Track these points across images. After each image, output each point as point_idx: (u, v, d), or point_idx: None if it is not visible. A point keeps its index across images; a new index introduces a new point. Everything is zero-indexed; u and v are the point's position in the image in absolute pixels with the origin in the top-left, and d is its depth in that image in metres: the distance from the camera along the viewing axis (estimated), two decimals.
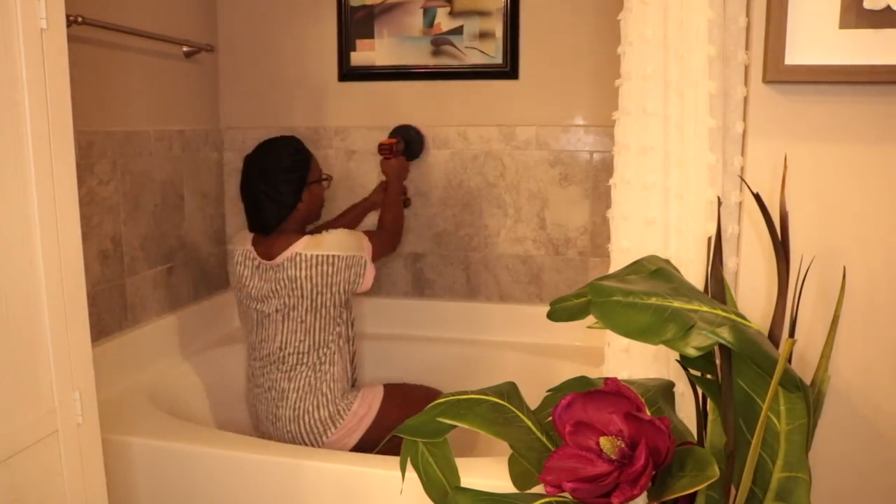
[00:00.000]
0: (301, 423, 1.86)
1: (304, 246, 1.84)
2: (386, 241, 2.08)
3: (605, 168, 2.23)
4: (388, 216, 2.15)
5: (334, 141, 2.41)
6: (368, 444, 1.89)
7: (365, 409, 1.91)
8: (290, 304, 1.85)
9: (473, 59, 2.27)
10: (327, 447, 1.87)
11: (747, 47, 1.14)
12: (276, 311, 1.88)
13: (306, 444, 1.87)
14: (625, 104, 1.23)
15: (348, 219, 2.28)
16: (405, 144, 2.29)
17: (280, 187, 1.87)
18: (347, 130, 2.40)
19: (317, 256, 1.83)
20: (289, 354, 1.88)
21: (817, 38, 1.08)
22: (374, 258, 1.96)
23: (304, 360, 1.88)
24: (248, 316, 1.96)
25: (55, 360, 1.07)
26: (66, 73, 1.08)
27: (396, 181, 2.21)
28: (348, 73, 2.36)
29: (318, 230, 2.01)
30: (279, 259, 1.85)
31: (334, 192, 2.43)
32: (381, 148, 2.21)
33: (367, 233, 2.00)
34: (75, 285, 1.11)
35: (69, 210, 1.09)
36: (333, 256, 1.84)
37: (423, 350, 2.34)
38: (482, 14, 2.24)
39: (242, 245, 1.95)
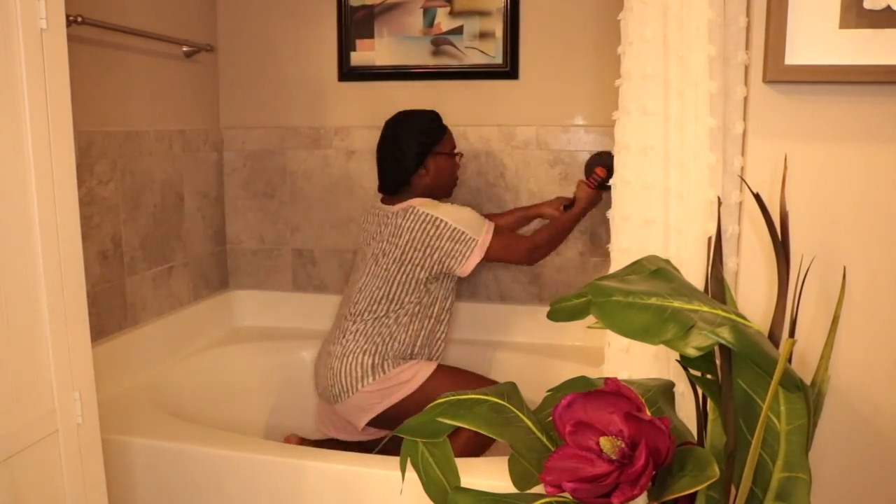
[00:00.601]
0: (345, 361, 1.90)
1: (420, 203, 1.91)
2: (522, 250, 1.94)
3: None
4: (547, 233, 1.99)
5: (334, 141, 2.41)
6: (400, 415, 1.82)
7: (409, 375, 1.89)
8: (383, 250, 1.92)
9: (473, 59, 2.27)
10: (359, 399, 1.88)
11: (747, 47, 1.14)
12: (372, 254, 1.95)
13: (342, 388, 1.89)
14: (625, 104, 1.23)
15: (509, 219, 2.18)
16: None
17: (402, 146, 1.95)
18: (347, 130, 2.40)
19: (427, 215, 1.88)
20: (363, 298, 1.94)
21: (817, 37, 1.08)
22: (493, 254, 1.90)
23: (373, 308, 1.93)
24: (356, 256, 2.08)
25: (55, 360, 1.07)
26: (66, 73, 1.08)
27: (583, 210, 2.08)
28: (348, 72, 2.36)
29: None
30: (396, 207, 1.94)
31: (334, 193, 2.44)
32: (595, 177, 2.06)
33: (505, 232, 1.99)
34: (75, 285, 1.11)
35: (69, 210, 1.09)
36: (442, 221, 1.87)
37: None
38: (482, 14, 2.24)
39: (374, 201, 2.08)
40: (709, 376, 1.02)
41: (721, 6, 1.12)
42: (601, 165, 2.11)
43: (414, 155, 1.95)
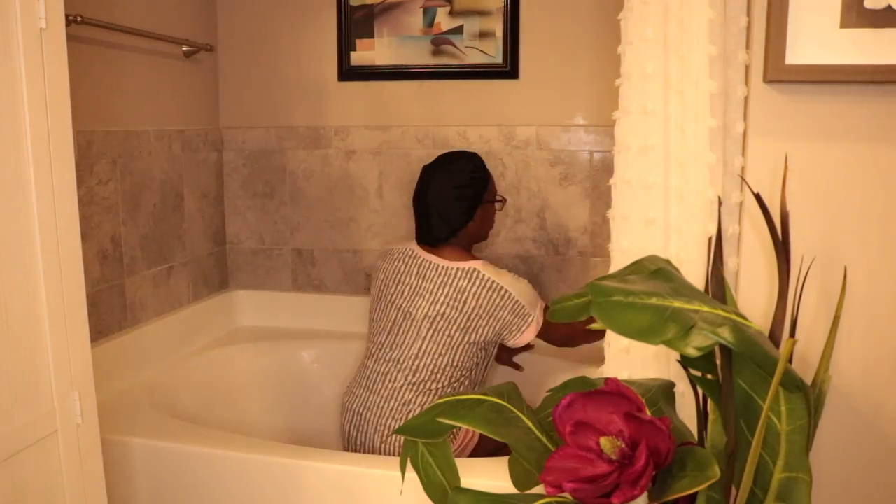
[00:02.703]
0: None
1: (483, 267, 1.81)
2: (560, 336, 1.91)
3: (605, 168, 2.23)
4: (582, 326, 1.93)
5: (334, 141, 2.41)
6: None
7: (470, 434, 1.84)
8: (444, 315, 1.79)
9: (473, 58, 2.27)
10: None
11: (748, 47, 1.14)
12: (425, 317, 1.80)
13: None
14: (625, 104, 1.23)
15: None
16: None
17: (449, 205, 1.83)
18: (347, 130, 2.39)
19: (493, 282, 1.79)
20: (423, 366, 1.80)
21: (818, 37, 1.08)
22: (539, 334, 1.86)
23: (437, 377, 1.80)
24: (382, 315, 1.89)
25: (55, 361, 1.07)
26: (65, 73, 1.07)
27: None
28: (348, 72, 2.36)
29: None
30: (452, 265, 1.82)
31: (334, 193, 2.44)
32: None
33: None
34: (75, 285, 1.11)
35: (69, 210, 1.09)
36: (507, 292, 1.80)
37: None
38: (482, 14, 2.24)
39: (404, 244, 1.93)
40: (709, 376, 1.02)
41: (721, 6, 1.12)
42: None
43: (462, 211, 1.84)
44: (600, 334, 1.86)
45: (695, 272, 1.16)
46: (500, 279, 1.80)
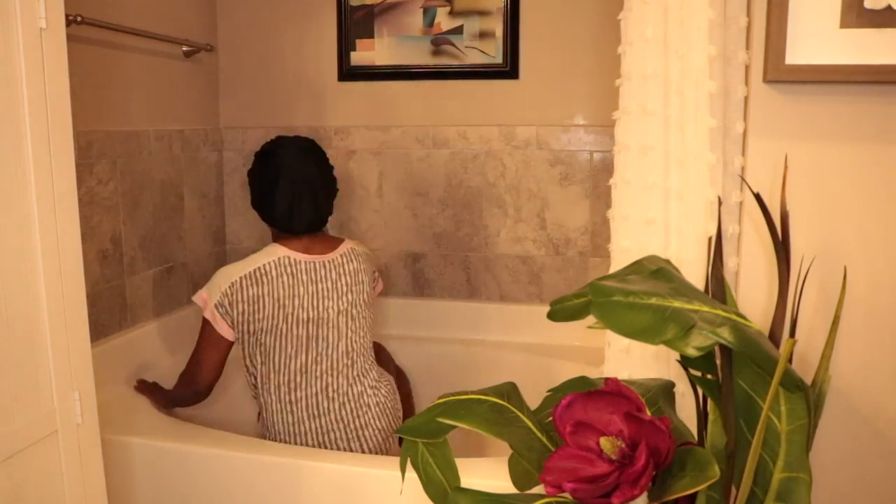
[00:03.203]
0: (387, 406, 1.80)
1: (353, 242, 1.87)
2: None
3: (605, 168, 2.23)
4: None
5: (334, 141, 2.41)
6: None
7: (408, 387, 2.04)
8: (352, 301, 1.77)
9: (473, 58, 2.27)
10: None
11: (748, 47, 1.14)
12: (339, 312, 1.74)
13: (399, 423, 1.84)
14: (625, 104, 1.23)
15: None
16: None
17: (333, 180, 1.82)
18: (347, 130, 2.39)
19: (364, 251, 1.87)
20: (357, 356, 1.78)
21: (818, 37, 1.08)
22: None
23: (371, 357, 1.85)
24: (291, 339, 1.70)
25: (55, 361, 1.07)
26: (65, 73, 1.07)
27: None
28: (348, 72, 2.36)
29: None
30: (335, 255, 1.77)
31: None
32: None
33: None
34: (75, 285, 1.11)
35: (69, 210, 1.09)
36: (370, 254, 1.91)
37: (423, 350, 2.34)
38: (482, 14, 2.24)
39: (269, 256, 1.69)
40: (709, 376, 1.02)
41: (721, 6, 1.12)
42: None
43: (336, 188, 1.84)
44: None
45: (695, 272, 1.16)
46: (362, 246, 1.90)
